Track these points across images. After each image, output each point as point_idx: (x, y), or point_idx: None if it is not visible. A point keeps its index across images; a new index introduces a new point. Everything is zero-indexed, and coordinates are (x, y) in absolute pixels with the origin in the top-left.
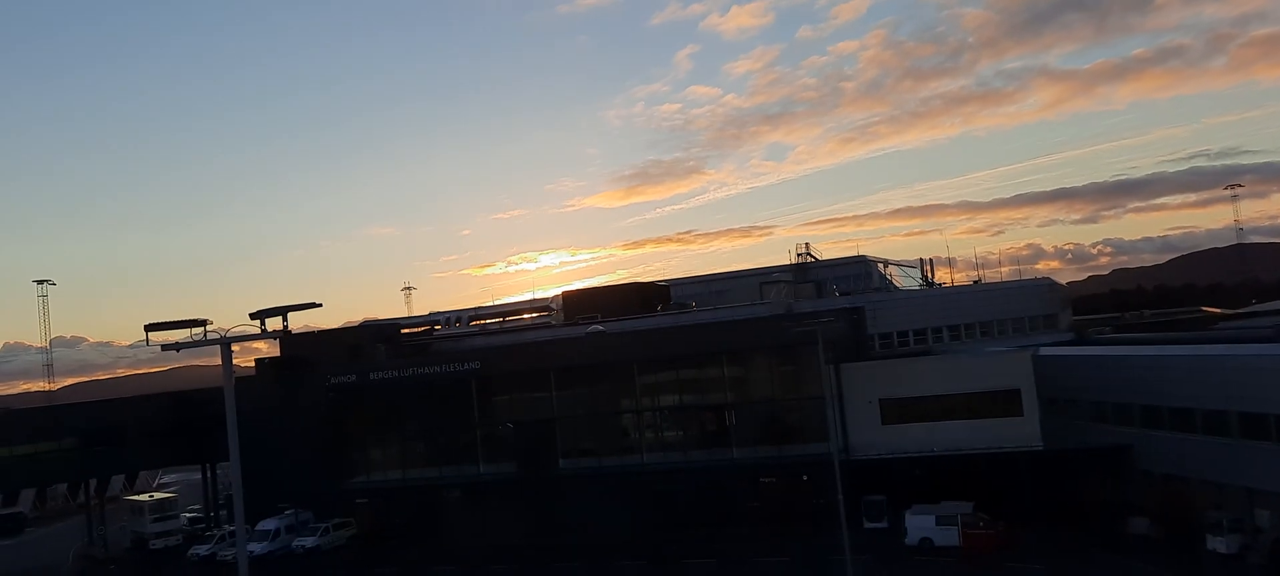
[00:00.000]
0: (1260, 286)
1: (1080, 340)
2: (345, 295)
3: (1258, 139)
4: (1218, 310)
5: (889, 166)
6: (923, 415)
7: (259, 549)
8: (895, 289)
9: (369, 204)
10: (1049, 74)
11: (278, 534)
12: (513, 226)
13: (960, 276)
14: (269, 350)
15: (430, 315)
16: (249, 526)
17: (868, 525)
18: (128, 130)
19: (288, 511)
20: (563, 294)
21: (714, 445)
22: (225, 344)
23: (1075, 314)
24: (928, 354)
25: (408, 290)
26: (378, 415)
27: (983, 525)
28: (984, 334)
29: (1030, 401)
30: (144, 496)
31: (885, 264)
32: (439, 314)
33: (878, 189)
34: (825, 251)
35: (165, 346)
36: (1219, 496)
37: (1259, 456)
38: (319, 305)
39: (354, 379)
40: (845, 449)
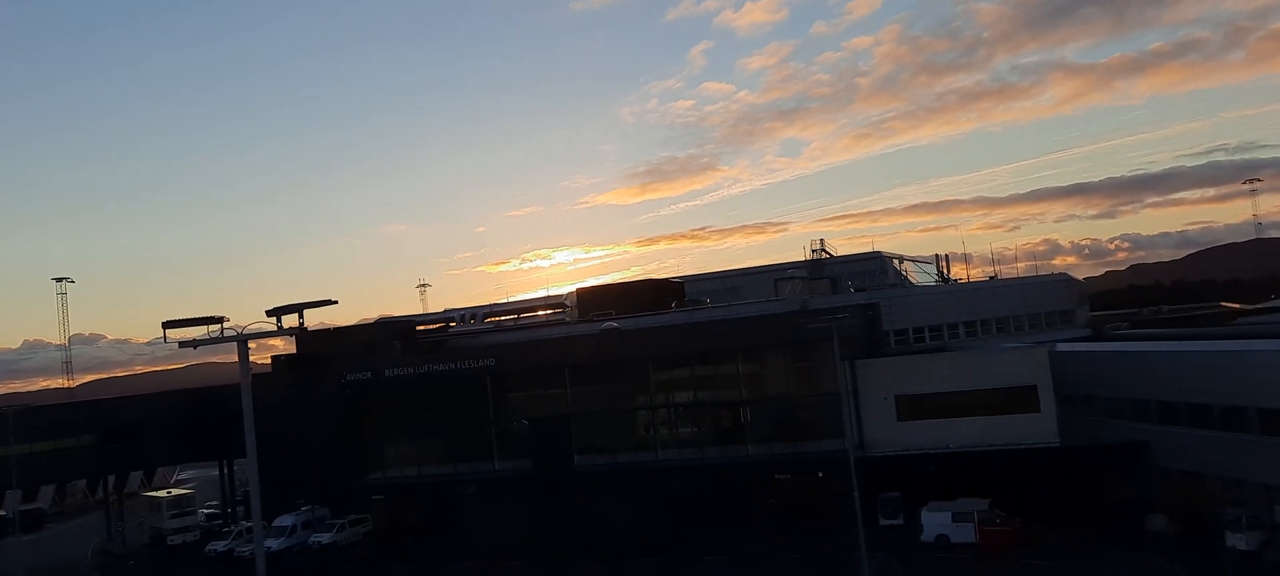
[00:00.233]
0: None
1: (1097, 336)
2: (361, 293)
3: (1277, 133)
4: (1236, 305)
5: (904, 162)
6: (938, 411)
7: (275, 545)
8: (910, 285)
9: (384, 202)
10: (1065, 68)
11: (294, 530)
12: (527, 224)
13: (976, 272)
14: (285, 347)
15: (445, 312)
16: (266, 522)
17: (883, 522)
18: (146, 129)
19: (304, 507)
20: (577, 291)
21: (729, 442)
22: (242, 341)
23: (1092, 310)
24: (943, 350)
25: (423, 287)
26: (393, 412)
27: (999, 522)
28: (1000, 330)
29: (1047, 398)
30: (162, 492)
31: (900, 260)
32: (454, 311)
33: (893, 185)
34: (840, 247)
35: (183, 343)
36: (1237, 493)
37: (1278, 453)
38: (335, 302)
39: (369, 376)
40: (861, 445)
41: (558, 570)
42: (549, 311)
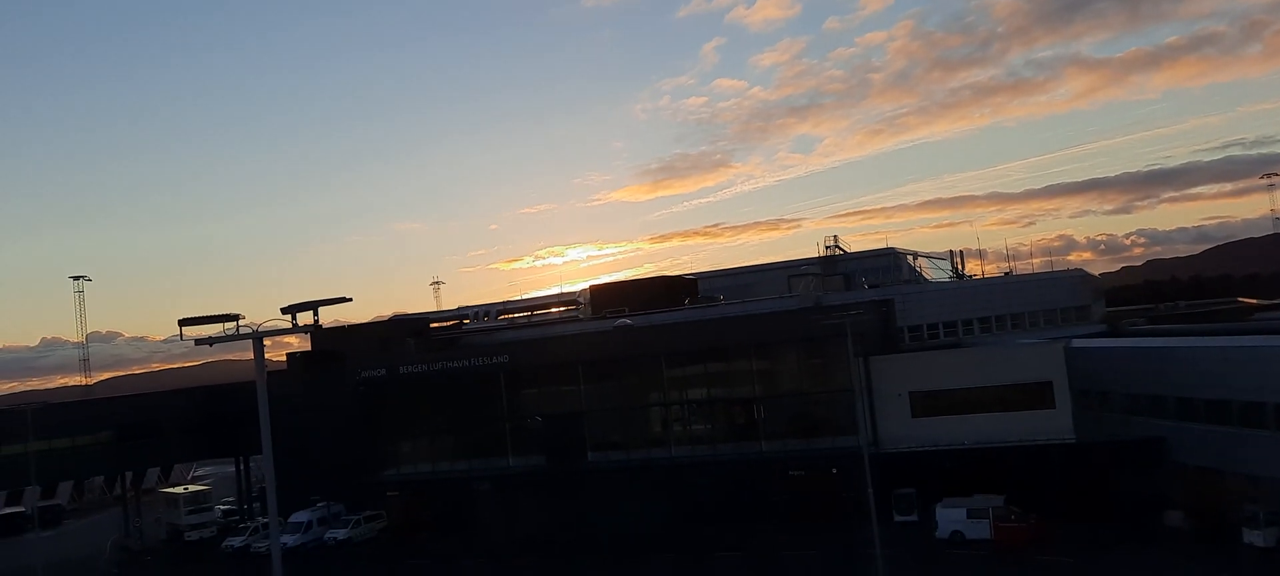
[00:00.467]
0: None
1: (1113, 332)
2: (375, 290)
3: None
4: (1254, 301)
5: (918, 158)
6: (953, 408)
7: (291, 541)
8: (925, 281)
9: (397, 200)
10: (1081, 63)
11: (310, 526)
12: (540, 221)
13: (991, 268)
14: (300, 344)
15: (459, 309)
16: (282, 518)
17: (898, 518)
18: (162, 128)
19: (319, 504)
20: (590, 288)
21: (742, 438)
22: (257, 338)
23: (1109, 306)
24: (958, 346)
25: (436, 285)
26: (408, 408)
27: (1015, 518)
28: (1015, 326)
29: (1062, 393)
30: (179, 489)
31: (914, 256)
32: (468, 308)
33: (907, 181)
34: (854, 244)
35: (199, 341)
36: (1255, 489)
37: None
38: (349, 300)
39: (384, 373)
40: (875, 442)
41: (572, 566)
42: (562, 308)
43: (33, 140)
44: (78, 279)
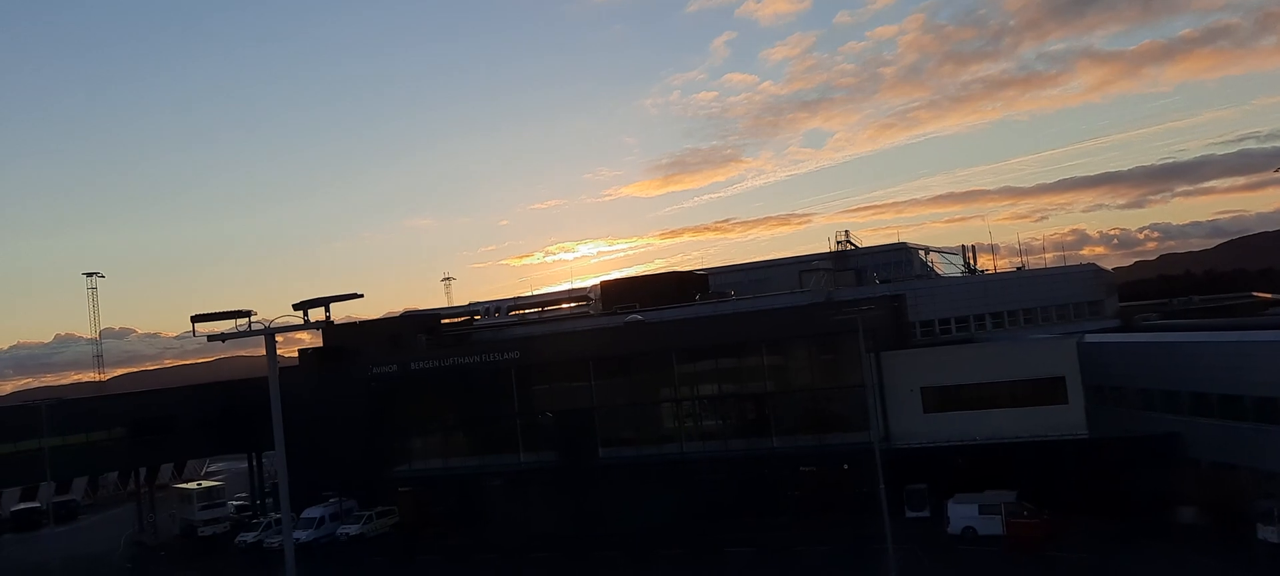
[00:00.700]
0: None
1: (1127, 327)
2: (386, 286)
3: None
4: (1269, 295)
5: (929, 152)
6: (965, 403)
7: (304, 536)
8: (936, 276)
9: (409, 196)
10: (1093, 56)
11: (322, 521)
12: (550, 216)
13: (1003, 263)
14: (312, 340)
15: (470, 305)
16: (294, 514)
17: (910, 514)
18: (175, 127)
19: (332, 499)
20: (601, 284)
21: (754, 434)
22: (269, 335)
23: (1122, 300)
24: (970, 341)
25: (447, 281)
26: (419, 404)
27: (1027, 514)
28: (1027, 321)
29: (1075, 389)
30: (192, 484)
31: (926, 251)
32: (478, 304)
33: (918, 175)
34: (865, 239)
35: (211, 337)
36: (1269, 485)
37: None
38: (360, 296)
39: (395, 369)
40: (886, 438)
41: (583, 562)
42: (573, 304)
43: (47, 139)
44: (91, 276)
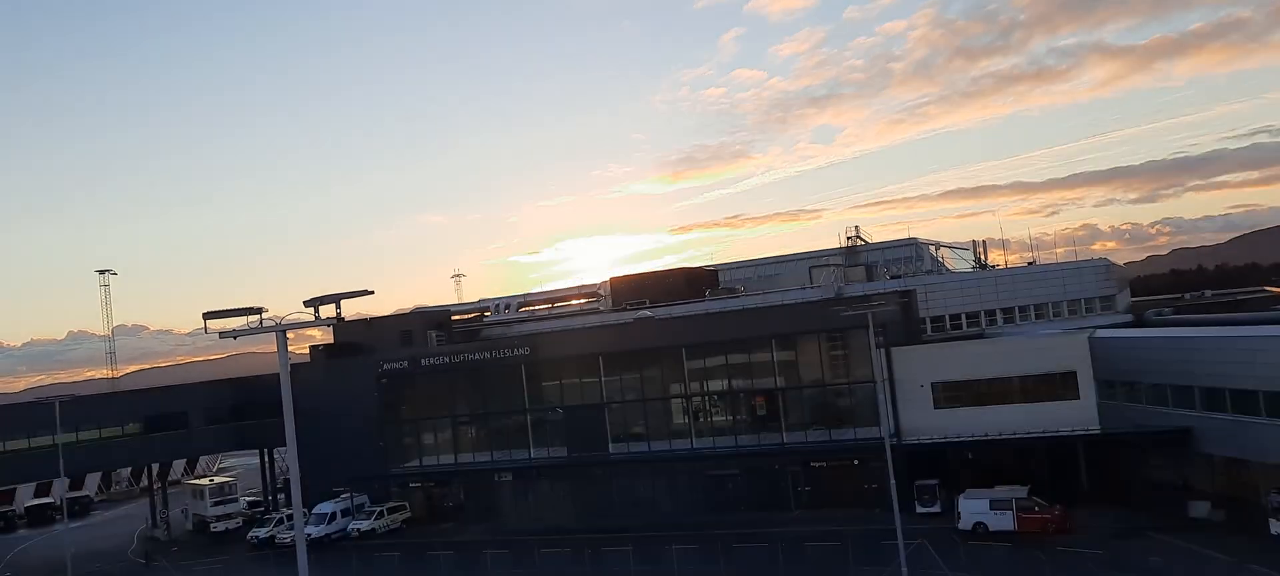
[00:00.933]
0: None
1: (1139, 322)
2: (397, 282)
3: None
4: None
5: (939, 147)
6: (976, 398)
7: (316, 532)
8: (947, 271)
9: (420, 193)
10: (1104, 50)
11: (334, 517)
12: (560, 213)
13: (1014, 258)
14: (323, 337)
15: (480, 302)
16: (306, 510)
17: (920, 510)
18: (187, 125)
19: (343, 495)
20: (610, 280)
21: (764, 429)
22: (280, 331)
23: (1134, 295)
24: (981, 337)
25: (457, 277)
26: (429, 400)
27: (1038, 509)
28: (1038, 316)
29: (1087, 384)
30: (205, 480)
31: (937, 246)
32: (488, 300)
33: (928, 170)
34: (875, 234)
35: (222, 334)
36: None
37: None
38: (371, 293)
39: (406, 365)
40: (897, 433)
41: (594, 556)
42: (583, 300)
43: (60, 138)
44: (103, 273)
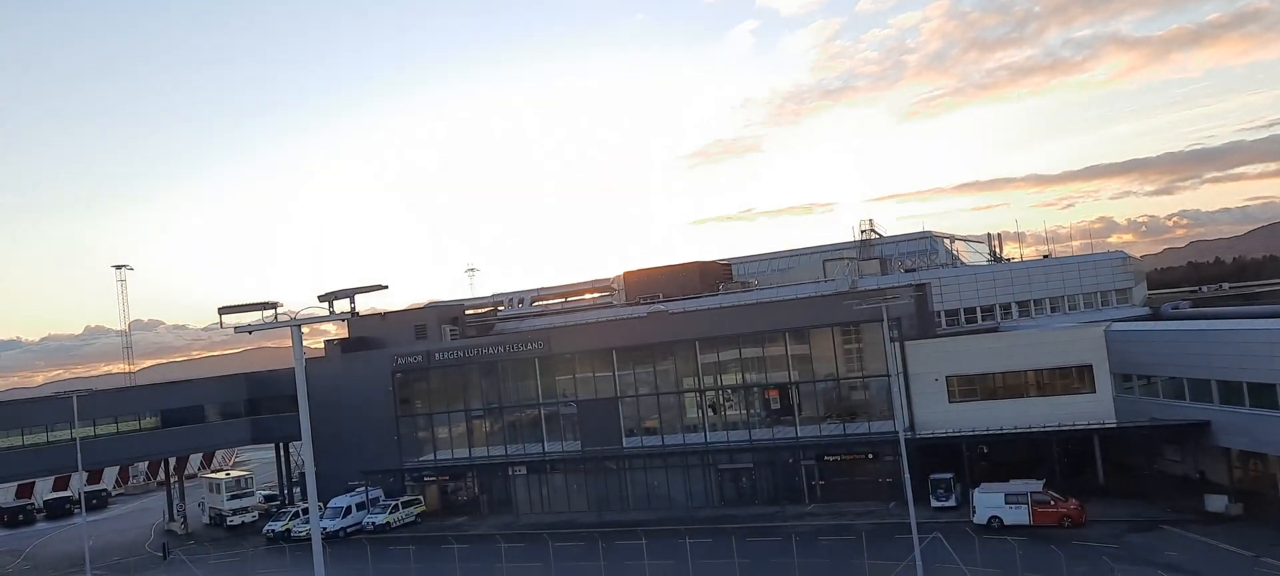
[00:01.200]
0: None
1: (1155, 315)
2: (410, 277)
3: None
4: None
5: (954, 140)
6: (991, 392)
7: (331, 525)
8: (961, 264)
9: (430, 189)
10: (1120, 42)
11: (349, 511)
12: (570, 208)
13: (1030, 251)
14: (338, 331)
15: (494, 295)
16: (321, 503)
17: (935, 503)
18: (201, 121)
19: (358, 488)
20: (624, 274)
21: (778, 423)
22: (295, 326)
23: (1150, 288)
24: (996, 330)
25: (471, 272)
26: (444, 394)
27: (1054, 503)
28: (1054, 309)
29: (1103, 377)
30: (221, 474)
31: (951, 239)
32: (502, 294)
33: (943, 163)
34: (889, 227)
35: (238, 328)
36: None
37: None
38: (385, 287)
39: (420, 358)
40: (911, 426)
41: (608, 549)
42: (596, 294)
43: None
44: (120, 268)
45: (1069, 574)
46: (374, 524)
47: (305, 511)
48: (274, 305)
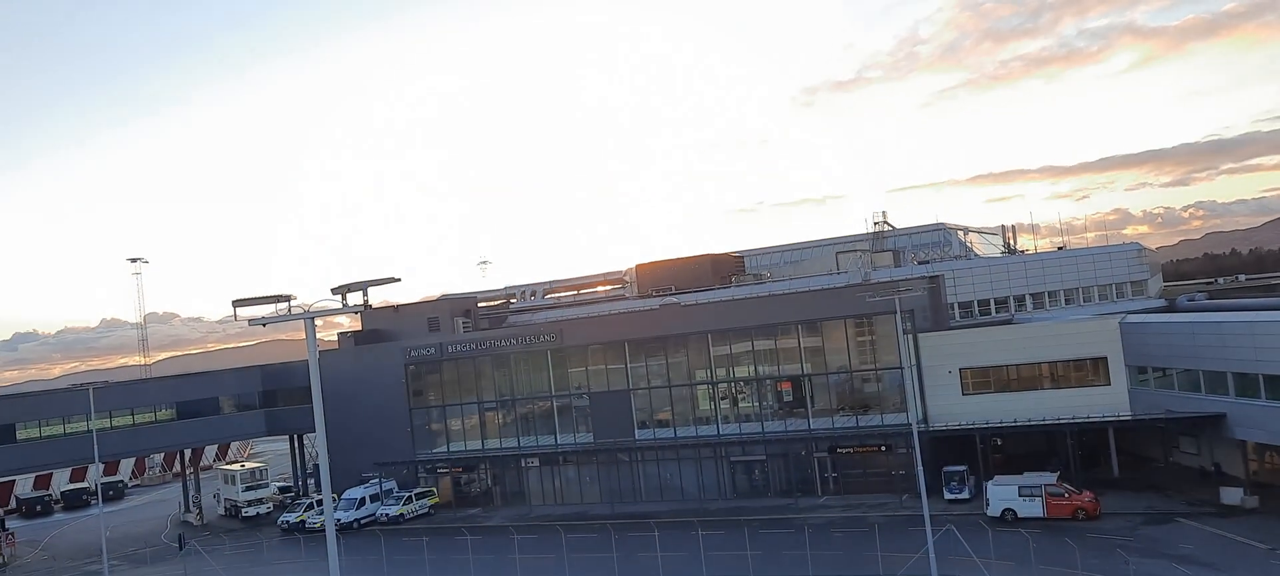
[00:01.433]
0: None
1: (1171, 307)
2: (423, 269)
3: None
4: None
5: (967, 131)
6: (1005, 384)
7: (345, 517)
8: (975, 256)
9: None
10: (1135, 31)
11: (363, 502)
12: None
13: (1044, 243)
14: (351, 324)
15: (506, 288)
16: (335, 495)
17: (949, 496)
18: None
19: (372, 480)
20: (636, 266)
21: (790, 415)
22: (309, 318)
23: (1167, 280)
24: (1010, 322)
25: (483, 264)
26: (457, 386)
27: (1068, 495)
28: (1068, 302)
29: (1118, 369)
30: (236, 465)
31: (965, 231)
32: (515, 287)
33: (956, 154)
34: (903, 219)
35: (252, 321)
36: None
37: None
38: (398, 280)
39: (433, 351)
40: (924, 419)
41: (620, 541)
42: (608, 287)
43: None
44: (135, 261)
45: (1083, 566)
46: (387, 515)
47: (319, 503)
48: (288, 298)
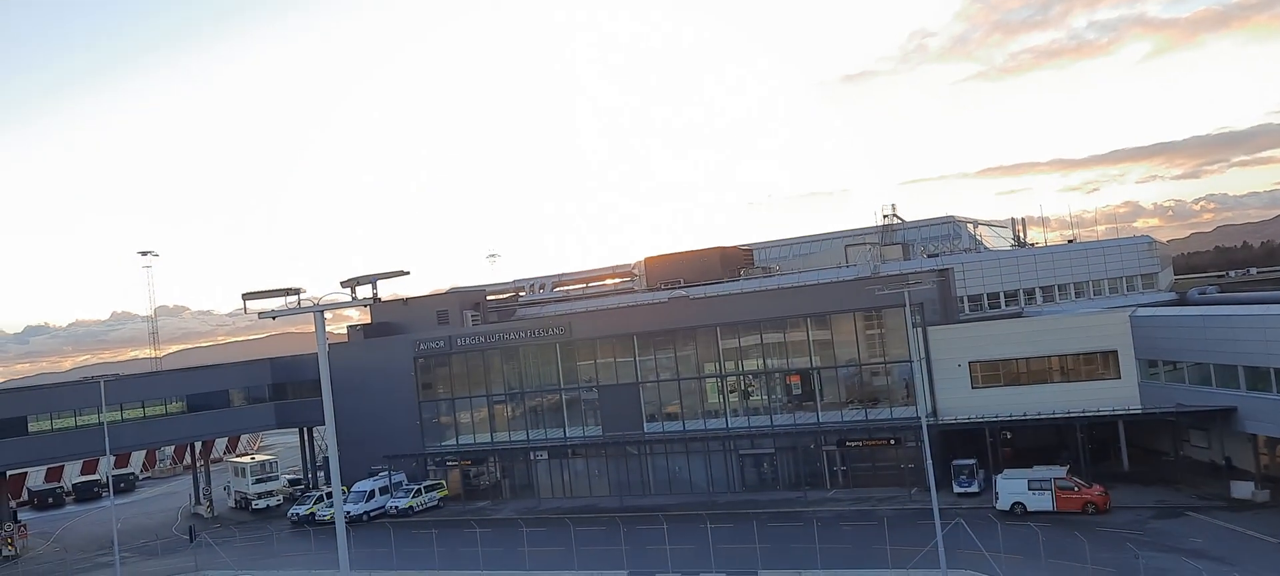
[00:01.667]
0: None
1: (1181, 300)
2: (432, 262)
3: None
4: None
5: (977, 123)
6: (1015, 378)
7: (355, 509)
8: (985, 249)
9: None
10: (1146, 23)
11: (372, 495)
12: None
13: (1054, 236)
14: (361, 317)
15: (515, 281)
16: (345, 487)
17: (958, 489)
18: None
19: (381, 472)
20: (645, 259)
21: (799, 408)
22: (318, 311)
23: (1177, 273)
24: (1019, 315)
25: (493, 257)
26: (466, 379)
27: (1078, 489)
28: (1079, 295)
29: (1128, 363)
30: (246, 458)
31: (974, 224)
32: (523, 280)
33: (966, 147)
34: (912, 212)
35: (262, 314)
36: None
37: None
38: (407, 273)
39: (442, 344)
40: (933, 412)
41: (629, 533)
42: (617, 280)
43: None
44: (145, 254)
45: (1093, 560)
46: (397, 508)
47: (329, 495)
48: (297, 291)
